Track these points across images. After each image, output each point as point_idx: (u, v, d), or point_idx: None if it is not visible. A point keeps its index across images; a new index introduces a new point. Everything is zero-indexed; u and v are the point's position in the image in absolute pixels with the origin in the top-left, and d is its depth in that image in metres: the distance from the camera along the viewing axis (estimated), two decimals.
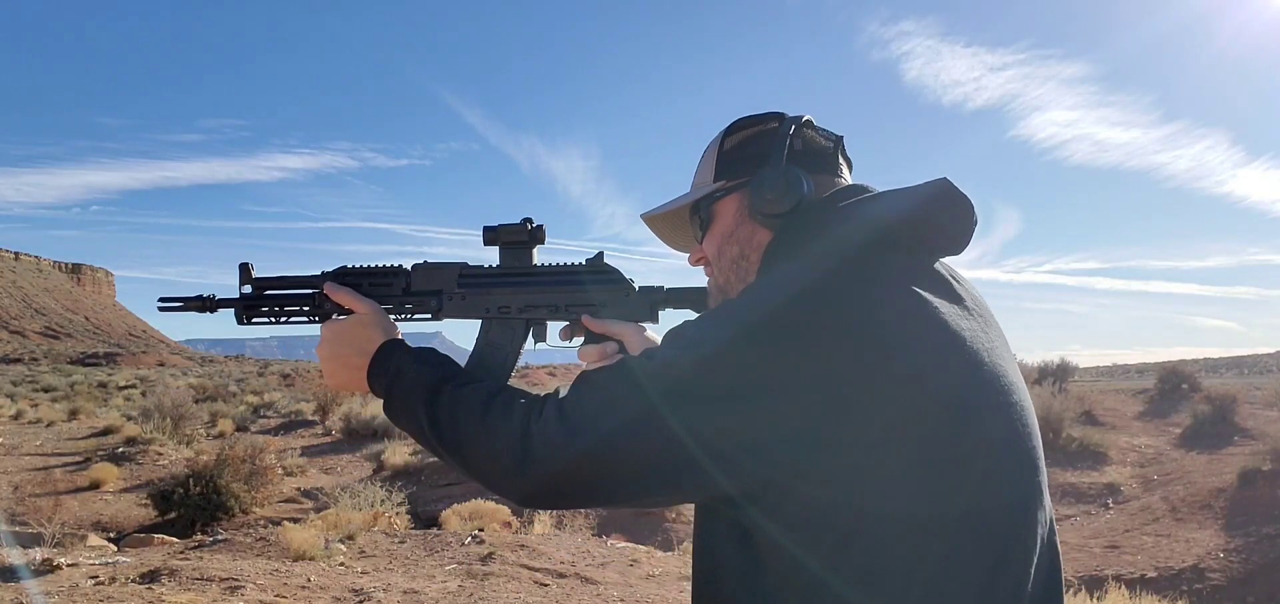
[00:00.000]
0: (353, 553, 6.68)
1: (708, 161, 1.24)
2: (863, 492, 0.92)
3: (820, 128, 1.22)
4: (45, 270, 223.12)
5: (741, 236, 1.20)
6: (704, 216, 1.24)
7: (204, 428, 18.56)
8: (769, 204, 1.14)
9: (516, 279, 1.34)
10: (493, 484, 1.07)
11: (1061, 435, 13.77)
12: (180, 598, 4.80)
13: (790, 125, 1.18)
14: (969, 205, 1.09)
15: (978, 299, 1.12)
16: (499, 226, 1.33)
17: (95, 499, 11.15)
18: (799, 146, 1.17)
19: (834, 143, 1.22)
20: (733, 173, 1.20)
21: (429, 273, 1.35)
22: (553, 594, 5.81)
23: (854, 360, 0.92)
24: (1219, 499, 10.17)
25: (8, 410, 21.85)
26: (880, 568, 0.94)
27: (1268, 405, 15.35)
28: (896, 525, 0.93)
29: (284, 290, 1.37)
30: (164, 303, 1.39)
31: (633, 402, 0.98)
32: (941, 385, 0.95)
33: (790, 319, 0.96)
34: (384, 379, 1.21)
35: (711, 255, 1.24)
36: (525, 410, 1.06)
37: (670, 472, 0.97)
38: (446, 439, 1.11)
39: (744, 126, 1.22)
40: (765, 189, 1.14)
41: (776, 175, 1.13)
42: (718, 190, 1.21)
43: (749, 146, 1.20)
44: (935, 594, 0.94)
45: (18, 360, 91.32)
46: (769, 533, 0.97)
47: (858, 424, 0.91)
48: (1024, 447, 1.02)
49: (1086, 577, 8.34)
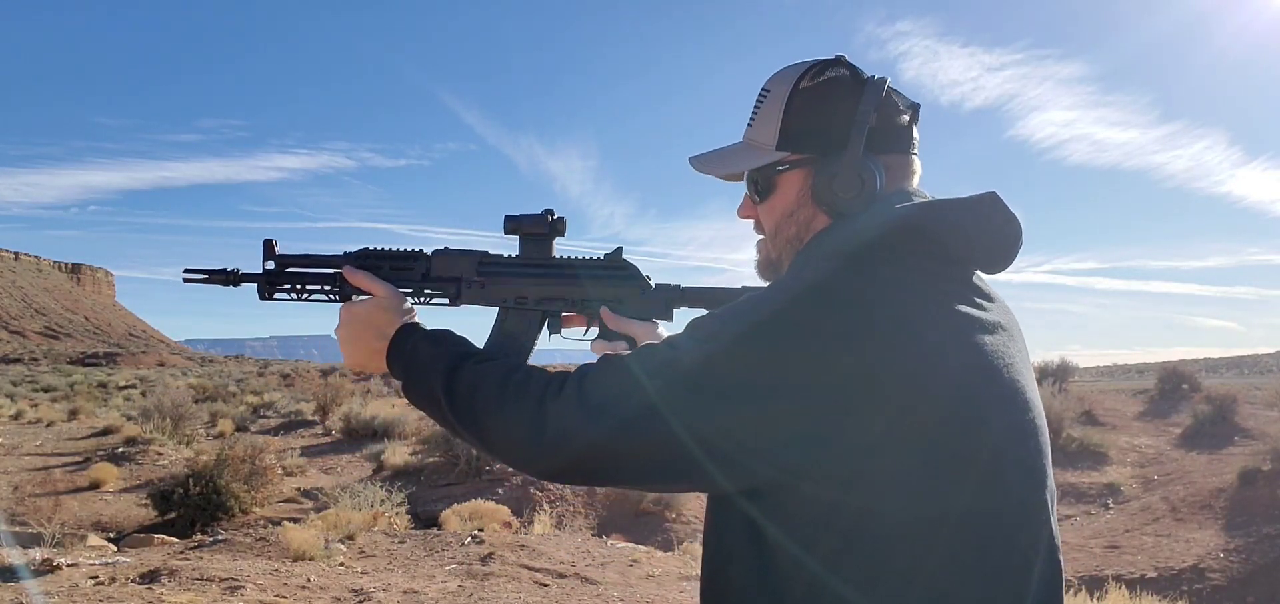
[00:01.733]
0: (353, 553, 6.68)
1: (770, 115, 1.11)
2: (863, 492, 0.92)
3: (897, 93, 1.09)
4: (45, 270, 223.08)
5: (801, 219, 1.11)
6: (762, 184, 1.14)
7: (204, 428, 18.55)
8: (838, 200, 1.05)
9: (535, 270, 1.33)
10: (510, 459, 1.06)
11: (1061, 435, 13.76)
12: (180, 598, 4.80)
13: (871, 99, 1.05)
14: (1014, 222, 1.03)
15: (1008, 315, 1.08)
16: (520, 217, 1.33)
17: (95, 499, 11.14)
18: (874, 122, 1.05)
19: (911, 113, 1.11)
20: (799, 143, 1.09)
21: (449, 259, 1.35)
22: (553, 594, 5.80)
23: (856, 360, 0.91)
24: (1219, 499, 10.16)
25: (8, 410, 21.84)
26: (879, 569, 0.93)
27: (1268, 405, 15.35)
28: (896, 526, 0.92)
29: (306, 268, 1.38)
30: (189, 274, 1.39)
31: (645, 391, 0.97)
32: (945, 388, 0.93)
33: (794, 318, 0.95)
34: (402, 359, 1.20)
35: (768, 228, 1.16)
36: (542, 387, 1.04)
37: (678, 464, 0.96)
38: (463, 415, 1.10)
39: (815, 81, 1.08)
40: (836, 184, 1.04)
41: (851, 172, 1.04)
42: (780, 162, 1.11)
43: (819, 113, 1.08)
44: (934, 597, 0.93)
45: (18, 360, 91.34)
46: (772, 531, 0.97)
47: (860, 425, 0.91)
48: (1031, 461, 1.00)
49: (1086, 577, 8.34)
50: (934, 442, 0.92)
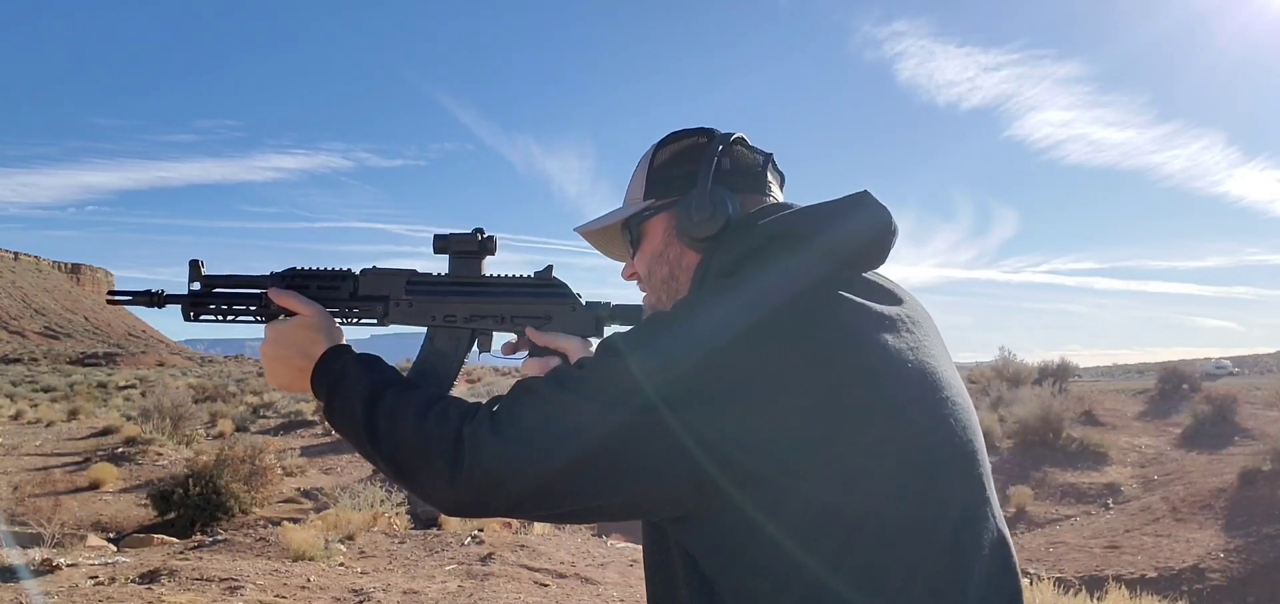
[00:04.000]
0: (352, 553, 6.68)
1: (639, 177, 1.23)
2: (784, 487, 0.93)
3: (750, 145, 1.21)
4: (45, 270, 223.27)
5: (670, 257, 1.19)
6: (634, 234, 1.23)
7: (203, 428, 18.57)
8: (695, 228, 1.13)
9: (465, 289, 1.33)
10: (421, 489, 1.04)
11: (1061, 435, 13.77)
12: (180, 598, 4.80)
13: (718, 144, 1.17)
14: (885, 215, 1.09)
15: (916, 309, 1.13)
16: (449, 235, 1.32)
17: (95, 499, 11.15)
18: (727, 166, 1.17)
19: (763, 160, 1.21)
20: (662, 191, 1.19)
21: (377, 278, 1.34)
22: (553, 594, 5.80)
23: (765, 357, 0.94)
24: (1219, 499, 10.17)
25: (7, 410, 21.85)
26: (859, 564, 0.93)
27: (1268, 405, 15.36)
28: (803, 521, 0.93)
29: (232, 290, 1.35)
30: (113, 296, 1.38)
31: (567, 413, 0.97)
32: (883, 390, 0.96)
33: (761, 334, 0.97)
34: (326, 381, 1.18)
35: (642, 273, 1.24)
36: (460, 416, 1.03)
37: (595, 484, 0.97)
38: (382, 443, 1.08)
39: (673, 141, 1.21)
40: (692, 212, 1.13)
41: (702, 199, 1.12)
42: (647, 209, 1.21)
43: (678, 164, 1.19)
44: (897, 595, 0.94)
45: (17, 360, 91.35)
46: (705, 555, 0.99)
47: (778, 424, 0.93)
48: (961, 444, 1.02)
49: (1086, 577, 8.34)
50: (877, 441, 0.94)
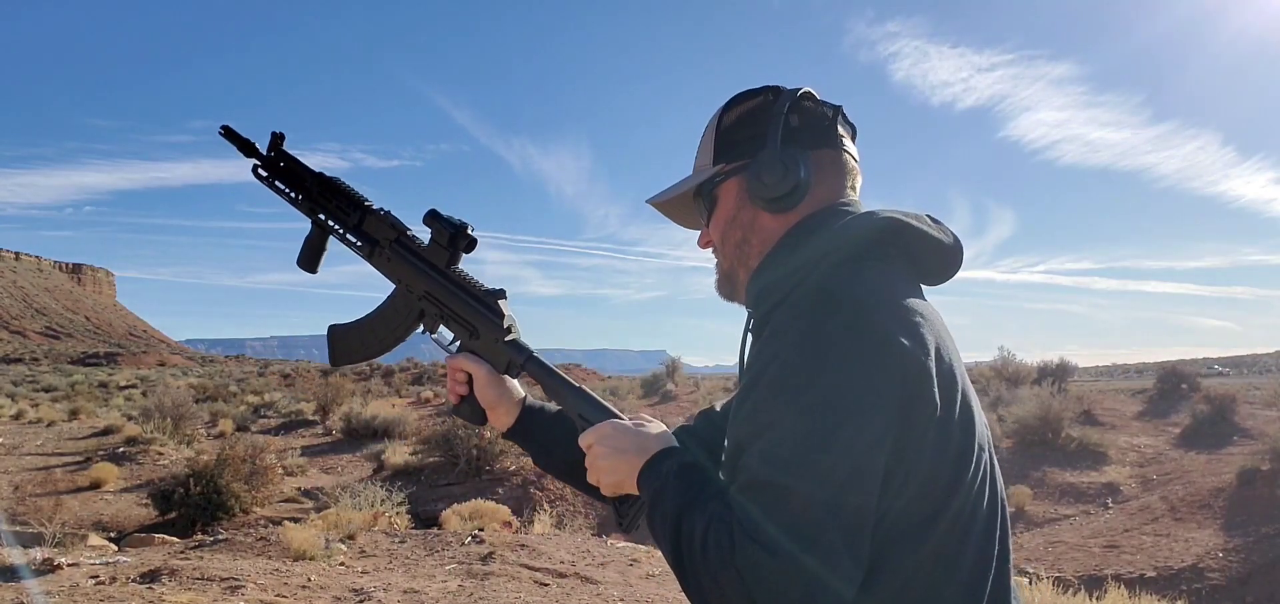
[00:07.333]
0: (353, 553, 6.69)
1: (707, 142, 1.23)
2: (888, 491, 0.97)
3: (819, 98, 1.20)
4: (46, 270, 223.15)
5: (743, 221, 1.19)
6: (707, 200, 1.23)
7: (204, 428, 18.56)
8: (767, 189, 1.13)
9: (430, 269, 1.38)
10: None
11: (1061, 435, 13.77)
12: (180, 598, 4.81)
13: (785, 101, 1.16)
14: (959, 244, 1.15)
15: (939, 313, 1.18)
16: (442, 219, 1.37)
17: (96, 499, 11.16)
18: (795, 122, 1.16)
19: (833, 113, 1.20)
20: (731, 154, 1.19)
21: (379, 222, 1.39)
22: (553, 594, 5.81)
23: (909, 360, 0.98)
24: (1218, 499, 10.17)
25: (8, 410, 21.84)
26: (878, 569, 0.97)
27: (1267, 405, 15.35)
28: (902, 525, 0.98)
29: (336, 196, 1.40)
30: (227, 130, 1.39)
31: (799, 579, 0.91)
32: (949, 383, 1.01)
33: (850, 338, 0.97)
34: (654, 482, 1.13)
35: (716, 241, 1.23)
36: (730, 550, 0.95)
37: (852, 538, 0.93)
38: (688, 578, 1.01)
39: (739, 103, 1.21)
40: (763, 173, 1.13)
41: (773, 160, 1.12)
42: (717, 174, 1.20)
43: (745, 126, 1.19)
44: (930, 593, 0.98)
45: (18, 360, 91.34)
46: None
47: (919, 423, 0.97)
48: (990, 448, 1.08)
49: (1086, 576, 8.35)
50: (946, 436, 0.99)
